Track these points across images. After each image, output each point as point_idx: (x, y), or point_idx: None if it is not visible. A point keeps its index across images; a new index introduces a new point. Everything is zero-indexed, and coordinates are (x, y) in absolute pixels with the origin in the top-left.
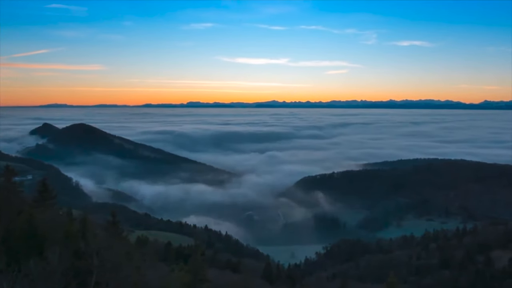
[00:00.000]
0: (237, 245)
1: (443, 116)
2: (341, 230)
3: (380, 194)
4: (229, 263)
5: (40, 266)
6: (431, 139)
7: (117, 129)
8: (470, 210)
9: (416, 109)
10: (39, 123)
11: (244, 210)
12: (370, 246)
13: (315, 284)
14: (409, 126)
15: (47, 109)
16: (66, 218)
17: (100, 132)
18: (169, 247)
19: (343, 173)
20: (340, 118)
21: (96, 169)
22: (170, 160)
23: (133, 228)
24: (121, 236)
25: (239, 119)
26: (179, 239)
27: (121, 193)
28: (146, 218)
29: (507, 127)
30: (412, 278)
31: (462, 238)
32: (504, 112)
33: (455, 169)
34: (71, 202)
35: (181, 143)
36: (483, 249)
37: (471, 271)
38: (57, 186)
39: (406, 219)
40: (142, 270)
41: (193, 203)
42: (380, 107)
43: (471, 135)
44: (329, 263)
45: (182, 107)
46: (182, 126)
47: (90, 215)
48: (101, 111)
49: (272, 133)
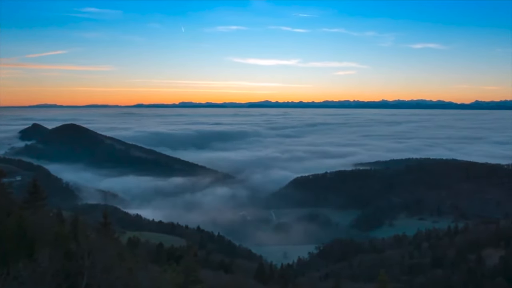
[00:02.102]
0: (229, 245)
1: (419, 116)
2: (334, 230)
3: (373, 194)
4: (222, 263)
5: (29, 268)
6: (379, 139)
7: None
8: (461, 209)
9: (407, 109)
10: (29, 123)
11: (237, 210)
12: (363, 245)
13: (308, 284)
14: (372, 125)
15: (34, 109)
16: (57, 219)
17: (91, 133)
18: (161, 248)
19: (336, 173)
20: (321, 118)
21: (86, 169)
22: (162, 160)
23: (124, 229)
24: (112, 237)
25: (216, 119)
26: (171, 240)
27: (112, 193)
28: (137, 219)
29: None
30: (405, 277)
31: (453, 237)
32: (491, 112)
33: (446, 169)
34: (61, 204)
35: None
36: (475, 248)
37: (463, 269)
38: (47, 187)
39: (398, 219)
40: (134, 271)
41: (186, 203)
42: (372, 107)
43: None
44: (322, 263)
45: (174, 107)
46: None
47: (81, 216)
48: (105, 111)
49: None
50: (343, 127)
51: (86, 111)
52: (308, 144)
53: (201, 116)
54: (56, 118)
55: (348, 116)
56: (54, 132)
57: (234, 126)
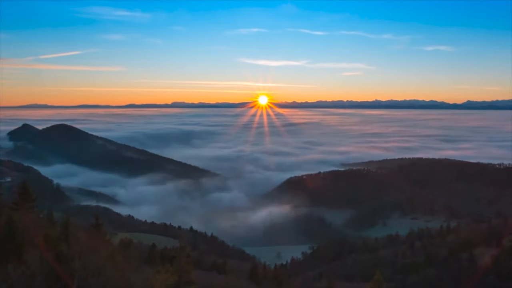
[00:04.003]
0: (222, 246)
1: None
2: (327, 229)
3: (366, 194)
4: (215, 264)
5: (19, 271)
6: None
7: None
8: (453, 208)
9: (400, 109)
10: (18, 123)
11: (230, 211)
12: (356, 245)
13: (302, 284)
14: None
15: (24, 109)
16: (47, 221)
17: (81, 133)
18: (153, 250)
19: (329, 173)
20: (304, 118)
21: (77, 170)
22: (155, 160)
23: (116, 231)
24: (104, 238)
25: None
26: (163, 241)
27: (103, 195)
28: (129, 220)
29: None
30: (398, 276)
31: (446, 236)
32: (483, 111)
33: (439, 168)
34: (52, 205)
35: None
36: (467, 247)
37: (455, 268)
38: (37, 188)
39: (392, 218)
40: (125, 273)
41: (178, 203)
42: (365, 108)
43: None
44: (315, 263)
45: (166, 107)
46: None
47: (72, 217)
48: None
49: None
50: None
51: (88, 110)
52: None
53: (169, 116)
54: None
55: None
56: (44, 133)
57: (189, 126)
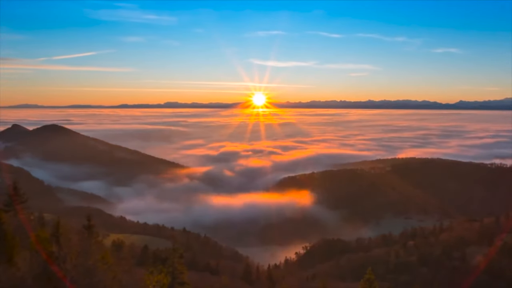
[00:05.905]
0: (215, 247)
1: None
2: (321, 229)
3: (359, 194)
4: (208, 265)
5: (9, 272)
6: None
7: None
8: (446, 207)
9: (392, 109)
10: (8, 124)
11: (224, 212)
12: (350, 245)
13: (296, 284)
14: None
15: (15, 109)
16: (38, 222)
17: (73, 133)
18: (146, 251)
19: (322, 173)
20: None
21: (68, 171)
22: (145, 161)
23: (108, 232)
24: (96, 240)
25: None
26: (156, 242)
27: (95, 196)
28: (122, 221)
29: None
30: (391, 275)
31: (439, 235)
32: (474, 111)
33: (431, 168)
34: (43, 206)
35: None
36: (459, 246)
37: (448, 267)
38: (28, 189)
39: (385, 218)
40: (118, 274)
41: (170, 203)
42: (358, 108)
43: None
44: (309, 263)
45: (159, 107)
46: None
47: (64, 218)
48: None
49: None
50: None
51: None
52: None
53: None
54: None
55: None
56: (34, 133)
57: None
